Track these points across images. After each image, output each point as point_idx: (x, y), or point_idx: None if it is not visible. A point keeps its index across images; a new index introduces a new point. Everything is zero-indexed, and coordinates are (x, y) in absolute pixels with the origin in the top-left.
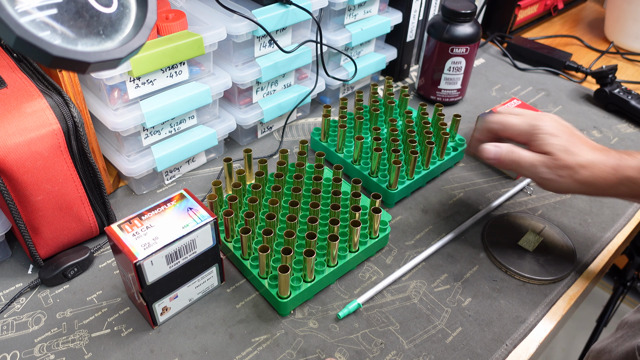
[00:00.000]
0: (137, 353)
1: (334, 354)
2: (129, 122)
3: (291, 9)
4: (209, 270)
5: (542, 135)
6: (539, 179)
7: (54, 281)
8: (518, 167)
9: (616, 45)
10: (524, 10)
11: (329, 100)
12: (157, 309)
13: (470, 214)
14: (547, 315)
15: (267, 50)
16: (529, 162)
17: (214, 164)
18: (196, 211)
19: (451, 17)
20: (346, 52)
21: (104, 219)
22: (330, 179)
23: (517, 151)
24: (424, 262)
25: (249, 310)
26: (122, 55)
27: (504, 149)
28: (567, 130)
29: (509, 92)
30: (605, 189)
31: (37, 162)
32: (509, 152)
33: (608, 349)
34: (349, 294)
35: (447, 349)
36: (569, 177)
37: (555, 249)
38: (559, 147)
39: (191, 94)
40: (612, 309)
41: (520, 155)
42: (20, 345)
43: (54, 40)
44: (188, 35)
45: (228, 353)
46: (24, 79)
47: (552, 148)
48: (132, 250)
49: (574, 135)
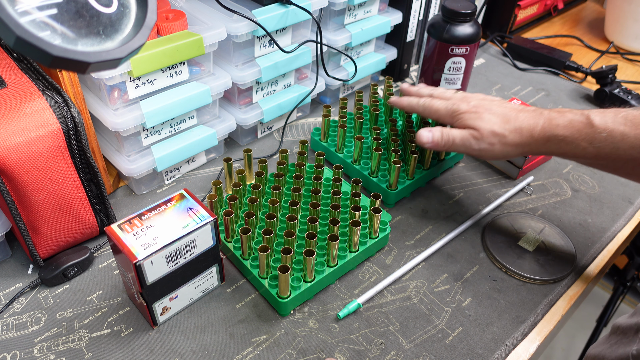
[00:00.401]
0: (137, 353)
1: (334, 354)
2: (129, 122)
3: (291, 9)
4: (209, 270)
5: (461, 115)
6: (474, 152)
7: (54, 281)
8: (453, 146)
9: (616, 45)
10: (524, 10)
11: (329, 100)
12: (157, 309)
13: (470, 214)
14: (547, 315)
15: (267, 50)
16: (459, 139)
17: (214, 164)
18: (196, 211)
19: (451, 17)
20: (346, 52)
21: (104, 219)
22: (330, 179)
23: (448, 131)
24: (424, 262)
25: (249, 310)
26: (122, 55)
27: (436, 134)
28: (488, 102)
29: (509, 92)
30: (537, 147)
31: (37, 162)
32: (442, 135)
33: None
34: (349, 294)
35: (447, 349)
36: (500, 143)
37: (555, 249)
38: (482, 121)
39: (191, 94)
40: (612, 309)
41: (451, 134)
42: (20, 345)
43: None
44: (188, 35)
45: (228, 353)
46: (24, 79)
47: (474, 123)
48: (132, 250)
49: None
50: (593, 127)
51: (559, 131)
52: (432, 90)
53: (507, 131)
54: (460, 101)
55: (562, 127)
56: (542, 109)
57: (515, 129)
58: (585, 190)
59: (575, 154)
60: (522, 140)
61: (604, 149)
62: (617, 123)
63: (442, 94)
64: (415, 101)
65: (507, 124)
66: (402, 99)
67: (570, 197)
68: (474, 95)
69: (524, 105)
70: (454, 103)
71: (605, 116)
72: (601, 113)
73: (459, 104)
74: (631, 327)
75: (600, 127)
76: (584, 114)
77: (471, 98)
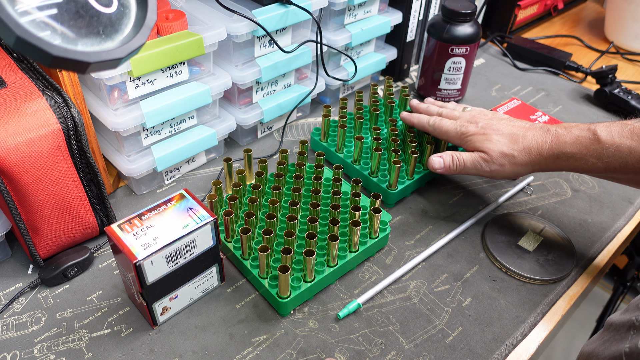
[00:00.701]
0: (137, 353)
1: (334, 354)
2: (129, 122)
3: (291, 9)
4: (209, 270)
5: (470, 137)
6: (485, 173)
7: (54, 281)
8: (464, 169)
9: (616, 45)
10: (524, 10)
11: (329, 100)
12: (157, 309)
13: (470, 214)
14: (547, 315)
15: (267, 50)
16: (470, 162)
17: (214, 164)
18: (196, 211)
19: (451, 17)
20: (346, 52)
21: (104, 219)
22: (330, 179)
23: (458, 156)
24: (424, 262)
25: (249, 310)
26: (122, 55)
27: (447, 159)
28: (495, 122)
29: (509, 92)
30: (547, 165)
31: (37, 162)
32: (452, 160)
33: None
34: (349, 294)
35: (447, 349)
36: (510, 164)
37: (555, 249)
38: (490, 143)
39: (191, 94)
40: (612, 309)
41: (462, 158)
42: (20, 345)
43: (54, 40)
44: (188, 35)
45: (228, 353)
46: (24, 79)
47: (483, 145)
48: (132, 250)
49: (504, 123)
50: (600, 143)
51: (567, 148)
52: (441, 108)
53: (516, 151)
54: (469, 122)
55: (570, 144)
56: (550, 125)
57: (524, 149)
58: (585, 190)
59: (585, 169)
60: (531, 159)
61: (612, 163)
62: (624, 137)
63: (450, 113)
64: (426, 120)
65: (515, 144)
66: (413, 116)
67: (570, 197)
68: (481, 114)
69: (531, 122)
70: (462, 125)
71: (612, 131)
72: (607, 127)
73: (467, 125)
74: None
75: (608, 143)
76: (590, 129)
77: (479, 118)
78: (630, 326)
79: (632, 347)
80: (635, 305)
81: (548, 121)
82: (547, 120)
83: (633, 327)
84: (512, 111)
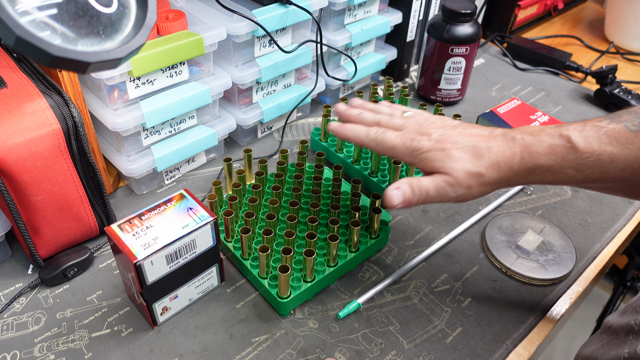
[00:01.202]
0: (137, 353)
1: (334, 354)
2: (129, 122)
3: (291, 9)
4: (209, 270)
5: (425, 154)
6: (451, 199)
7: (54, 281)
8: (427, 199)
9: (616, 45)
10: (524, 10)
11: (329, 100)
12: (157, 309)
13: (470, 214)
14: (547, 315)
15: (267, 50)
16: (434, 190)
17: (214, 164)
18: (196, 211)
19: (451, 17)
20: (346, 52)
21: (104, 219)
22: (330, 179)
23: (418, 184)
24: (424, 262)
25: (249, 310)
26: (122, 55)
27: (406, 191)
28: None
29: (509, 92)
30: (518, 180)
31: (37, 162)
32: (413, 191)
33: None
34: (349, 294)
35: (447, 349)
36: (478, 184)
37: (555, 249)
38: (451, 161)
39: (191, 94)
40: (612, 309)
41: (423, 187)
42: (20, 345)
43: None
44: (188, 35)
45: (228, 353)
46: (24, 79)
47: (443, 164)
48: (132, 250)
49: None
50: (578, 152)
51: (542, 160)
52: (377, 115)
53: (484, 168)
54: (419, 134)
55: (544, 154)
56: (511, 130)
57: (492, 164)
58: (585, 190)
59: (561, 182)
60: (501, 175)
61: (592, 174)
62: (603, 143)
63: (390, 122)
64: (364, 133)
65: (480, 159)
66: (346, 128)
67: (570, 197)
68: (429, 122)
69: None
70: (412, 138)
71: (588, 136)
72: (581, 132)
73: (418, 139)
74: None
75: (586, 151)
76: (562, 135)
77: (429, 127)
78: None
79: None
80: (632, 308)
81: (548, 121)
82: (547, 121)
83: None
84: (512, 111)
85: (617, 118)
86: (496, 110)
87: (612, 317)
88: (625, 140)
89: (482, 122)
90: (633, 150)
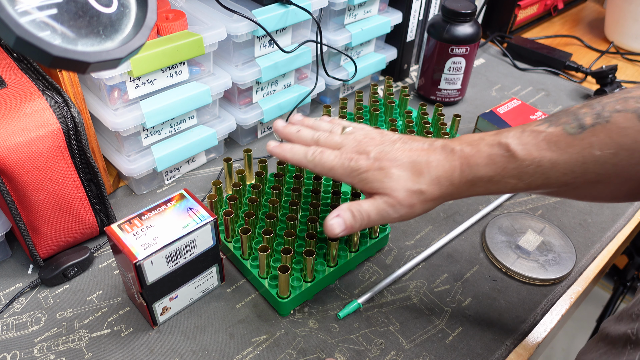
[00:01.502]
0: (137, 353)
1: (334, 354)
2: (129, 122)
3: (291, 9)
4: (209, 270)
5: (364, 175)
6: (394, 220)
7: (54, 281)
8: (370, 223)
9: (616, 45)
10: (524, 10)
11: (329, 100)
12: (157, 309)
13: (470, 214)
14: (547, 315)
15: (267, 50)
16: (375, 213)
17: (214, 164)
18: (196, 211)
19: (451, 17)
20: (346, 52)
21: (104, 219)
22: (330, 179)
23: (358, 209)
24: (424, 262)
25: (249, 310)
26: (122, 55)
27: (347, 217)
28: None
29: (509, 92)
30: (460, 193)
31: (37, 162)
32: (354, 217)
33: None
34: (349, 294)
35: (447, 349)
36: (420, 202)
37: (555, 249)
38: (391, 180)
39: (191, 94)
40: (612, 309)
41: (364, 211)
42: (20, 345)
43: (54, 40)
44: (188, 35)
45: (228, 353)
46: (24, 79)
47: (382, 184)
48: (132, 250)
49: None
50: (517, 160)
51: (482, 172)
52: (316, 133)
53: (424, 185)
54: (357, 153)
55: (483, 165)
56: (451, 141)
57: (432, 180)
58: None
59: (504, 191)
60: (442, 191)
61: (535, 181)
62: (542, 149)
63: (329, 140)
64: (302, 153)
65: (420, 176)
66: (284, 148)
67: None
68: (368, 138)
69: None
70: (350, 157)
71: (526, 143)
72: (519, 138)
73: (357, 158)
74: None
75: (526, 159)
76: (501, 143)
77: (367, 145)
78: (626, 340)
79: None
80: (628, 315)
81: None
82: None
83: (629, 342)
84: (512, 111)
85: (556, 120)
86: (496, 110)
87: (609, 324)
88: (565, 144)
89: (482, 122)
90: (573, 154)
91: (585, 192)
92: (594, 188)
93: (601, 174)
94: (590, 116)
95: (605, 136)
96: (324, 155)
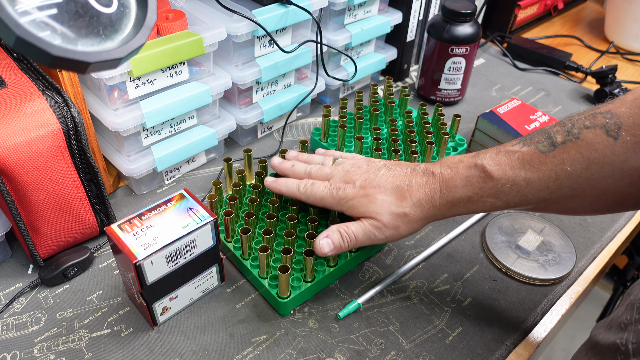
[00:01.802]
0: (137, 353)
1: (334, 354)
2: (129, 122)
3: (291, 9)
4: (209, 270)
5: (351, 202)
6: (380, 241)
7: (54, 281)
8: (357, 244)
9: (616, 45)
10: (524, 10)
11: (329, 100)
12: (157, 309)
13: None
14: (547, 315)
15: (267, 50)
16: (362, 234)
17: (214, 164)
18: (196, 211)
19: (451, 17)
20: (346, 52)
21: (104, 219)
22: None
23: (346, 230)
24: (424, 262)
25: (249, 310)
26: (122, 55)
27: (335, 238)
28: (373, 176)
29: (509, 92)
30: (443, 214)
31: (37, 162)
32: (342, 237)
33: None
34: (349, 294)
35: (447, 349)
36: (405, 223)
37: (555, 249)
38: (375, 205)
39: (191, 94)
40: (612, 309)
41: (351, 232)
42: (20, 345)
43: (54, 40)
44: (188, 35)
45: (228, 353)
46: (24, 79)
47: (368, 209)
48: (132, 250)
49: (382, 175)
50: (493, 180)
51: (460, 193)
52: (309, 166)
53: (407, 208)
54: (344, 183)
55: (461, 187)
56: (432, 164)
57: (415, 204)
58: None
59: (484, 210)
60: (424, 213)
61: (512, 199)
62: (516, 168)
63: (320, 172)
64: (295, 186)
65: (403, 200)
66: (279, 183)
67: None
68: (355, 167)
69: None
70: (338, 187)
71: (501, 163)
72: (494, 159)
73: (344, 188)
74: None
75: (501, 179)
76: (477, 165)
77: (354, 174)
78: (616, 351)
79: None
80: (617, 324)
81: (548, 121)
82: (547, 121)
83: (619, 352)
84: (512, 111)
85: (530, 140)
86: (496, 111)
87: (599, 331)
88: (538, 162)
89: (482, 122)
90: (545, 171)
91: (564, 206)
92: (572, 202)
93: (576, 189)
94: (561, 134)
95: (575, 152)
96: (314, 187)
